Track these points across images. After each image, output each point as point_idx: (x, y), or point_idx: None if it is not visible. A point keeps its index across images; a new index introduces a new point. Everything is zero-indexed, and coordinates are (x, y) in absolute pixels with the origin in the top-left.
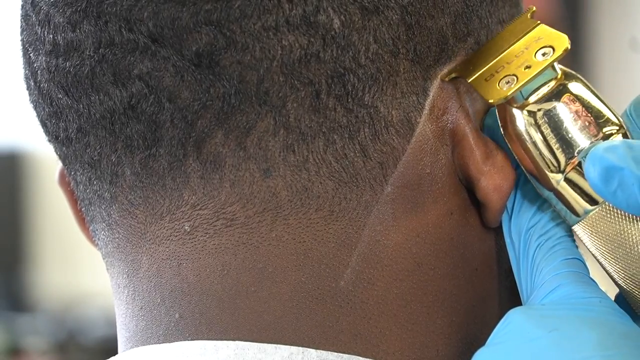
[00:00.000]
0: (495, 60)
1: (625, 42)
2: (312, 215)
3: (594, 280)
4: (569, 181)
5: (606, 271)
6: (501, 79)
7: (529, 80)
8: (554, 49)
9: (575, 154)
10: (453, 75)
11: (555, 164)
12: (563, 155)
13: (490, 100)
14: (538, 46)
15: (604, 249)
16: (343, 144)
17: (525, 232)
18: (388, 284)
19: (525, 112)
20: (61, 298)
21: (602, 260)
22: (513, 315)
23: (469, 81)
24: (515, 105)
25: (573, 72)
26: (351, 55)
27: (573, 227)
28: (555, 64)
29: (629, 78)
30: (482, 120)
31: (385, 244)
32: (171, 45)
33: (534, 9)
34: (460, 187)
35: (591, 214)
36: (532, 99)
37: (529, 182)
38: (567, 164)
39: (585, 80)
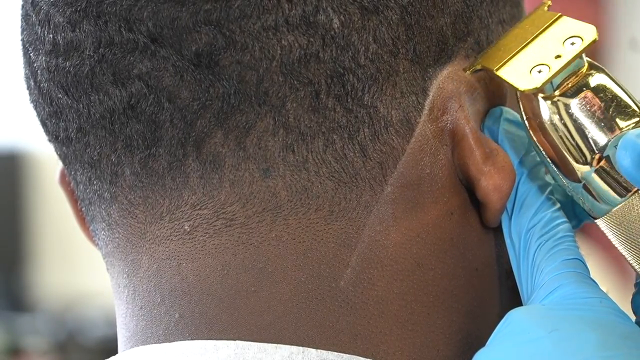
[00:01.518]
0: (522, 50)
1: (625, 42)
2: (312, 215)
3: (594, 281)
4: (597, 172)
5: (631, 265)
6: (533, 68)
7: (561, 69)
8: (581, 39)
9: (604, 145)
10: (477, 67)
11: (583, 156)
12: (591, 146)
13: (523, 89)
14: (565, 36)
15: (632, 240)
16: (343, 144)
17: (525, 232)
18: (388, 284)
19: (553, 102)
20: (61, 298)
21: (627, 253)
22: (514, 315)
23: (497, 72)
24: (543, 96)
25: (597, 64)
26: (351, 55)
27: (597, 221)
28: (583, 55)
29: (629, 78)
30: (482, 121)
31: (385, 244)
32: (171, 45)
33: (550, 2)
34: (460, 187)
35: (621, 204)
36: (559, 90)
37: (529, 182)
38: (594, 156)
39: (609, 72)
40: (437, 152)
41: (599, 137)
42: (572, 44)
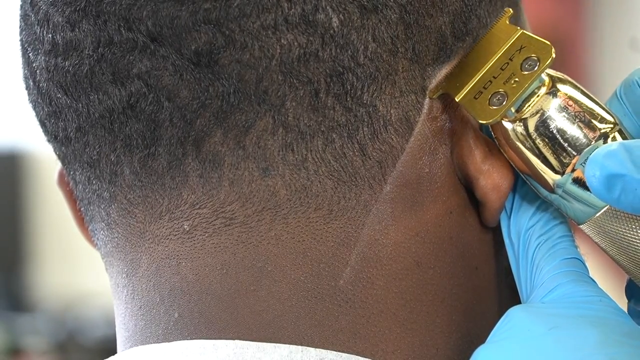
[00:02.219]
0: (480, 75)
1: (625, 42)
2: (311, 214)
3: (593, 280)
4: (572, 185)
5: (620, 265)
6: (490, 97)
7: (519, 96)
8: (539, 60)
9: (574, 156)
10: (440, 92)
11: (557, 170)
12: (563, 160)
13: (483, 122)
14: (522, 57)
15: (612, 246)
16: (342, 143)
17: (524, 232)
18: (387, 283)
19: (518, 124)
20: (61, 298)
21: (614, 254)
22: (514, 313)
23: (458, 100)
24: (507, 120)
25: (560, 75)
26: (350, 54)
27: (581, 226)
28: (542, 74)
29: None
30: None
31: (384, 243)
32: (170, 44)
33: (511, 11)
34: (459, 186)
35: (596, 215)
36: (524, 109)
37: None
38: (566, 168)
39: (573, 81)
40: (436, 151)
41: (568, 150)
42: (530, 65)
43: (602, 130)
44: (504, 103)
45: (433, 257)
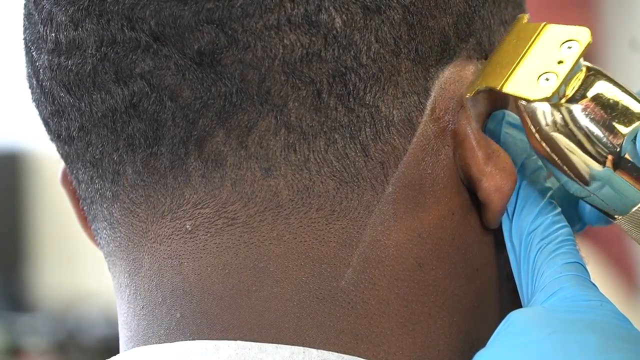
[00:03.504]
0: (520, 63)
1: (626, 42)
2: (313, 215)
3: (594, 284)
4: (618, 171)
5: None
6: (539, 77)
7: (569, 73)
8: (578, 42)
9: (616, 147)
10: (480, 88)
11: (598, 158)
12: (605, 148)
13: (537, 99)
14: (560, 41)
15: None
16: (344, 143)
17: (526, 235)
18: (389, 284)
19: (560, 110)
20: (61, 298)
21: None
22: (514, 317)
23: (503, 89)
24: (551, 104)
25: (595, 67)
26: (353, 54)
27: (618, 220)
28: (581, 59)
29: (629, 78)
30: (484, 123)
31: (386, 243)
32: (173, 44)
33: (528, 15)
34: (461, 187)
35: None
36: (564, 97)
37: (530, 186)
38: (609, 156)
39: (606, 73)
40: (438, 152)
41: (612, 136)
42: (570, 47)
43: None
44: (554, 82)
45: (435, 258)
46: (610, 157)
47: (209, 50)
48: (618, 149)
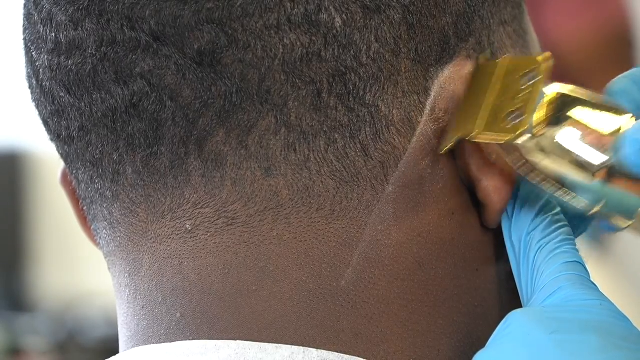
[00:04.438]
0: (486, 106)
1: None
2: (313, 215)
3: (594, 284)
4: (613, 183)
5: None
6: (507, 118)
7: (534, 105)
8: (536, 70)
9: (604, 159)
10: (452, 142)
11: (591, 175)
12: (593, 165)
13: (508, 141)
14: (518, 75)
15: None
16: (344, 143)
17: (525, 235)
18: (389, 284)
19: (539, 140)
20: (61, 298)
21: None
22: (514, 317)
23: (475, 139)
24: (526, 139)
25: (562, 88)
26: (353, 54)
27: (628, 227)
28: (543, 88)
29: None
30: None
31: (386, 243)
32: (173, 44)
33: (487, 55)
34: (461, 187)
35: None
36: (538, 127)
37: (528, 184)
38: (601, 171)
39: (572, 86)
40: (438, 151)
41: (596, 153)
42: (529, 77)
43: (623, 124)
44: (522, 118)
45: (435, 258)
46: (602, 170)
47: (209, 50)
48: (608, 161)
